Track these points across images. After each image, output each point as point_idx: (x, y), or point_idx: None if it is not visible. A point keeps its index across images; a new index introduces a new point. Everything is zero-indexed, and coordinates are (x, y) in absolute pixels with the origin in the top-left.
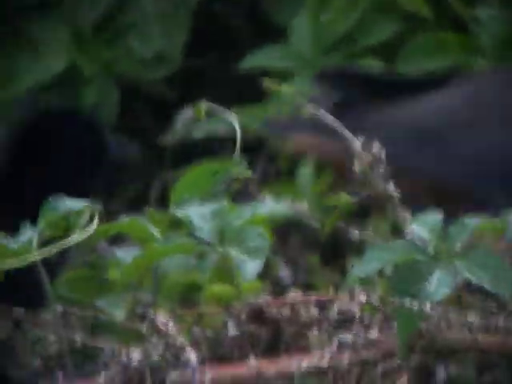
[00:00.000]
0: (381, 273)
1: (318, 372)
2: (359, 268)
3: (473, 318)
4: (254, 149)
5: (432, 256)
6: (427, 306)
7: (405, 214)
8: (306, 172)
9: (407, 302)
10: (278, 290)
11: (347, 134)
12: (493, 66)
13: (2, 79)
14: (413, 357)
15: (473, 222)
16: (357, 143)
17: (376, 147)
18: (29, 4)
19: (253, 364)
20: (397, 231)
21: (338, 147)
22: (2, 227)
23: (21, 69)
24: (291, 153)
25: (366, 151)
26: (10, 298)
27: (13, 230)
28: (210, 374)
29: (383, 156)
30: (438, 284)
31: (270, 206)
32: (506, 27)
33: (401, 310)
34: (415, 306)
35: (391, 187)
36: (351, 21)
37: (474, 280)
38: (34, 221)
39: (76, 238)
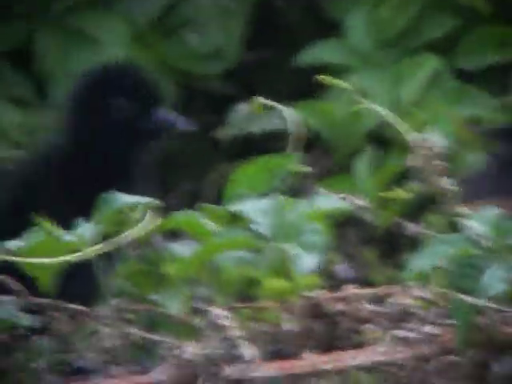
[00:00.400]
0: (436, 267)
1: (373, 367)
2: (416, 262)
3: None
4: (312, 144)
5: (489, 250)
6: (484, 301)
7: (461, 209)
8: (362, 167)
9: (464, 295)
10: (335, 284)
11: (403, 130)
12: None
13: (60, 76)
14: (470, 351)
15: None
16: (413, 138)
17: (433, 142)
18: (85, 1)
19: (308, 359)
20: (453, 226)
21: None
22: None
23: (79, 64)
24: (347, 147)
25: (422, 146)
26: (66, 291)
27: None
28: (265, 368)
29: (439, 151)
30: (495, 278)
31: (327, 200)
32: None
33: (458, 303)
34: (472, 299)
35: (447, 182)
36: (409, 16)
37: None
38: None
39: (132, 233)
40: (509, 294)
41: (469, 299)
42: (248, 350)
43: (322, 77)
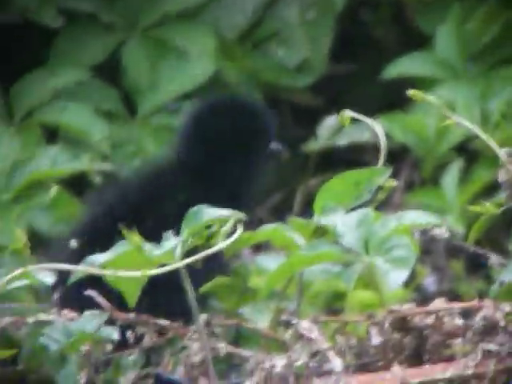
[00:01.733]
0: None
1: (463, 381)
2: (505, 275)
3: None
4: (398, 156)
5: None
6: None
7: None
8: (450, 180)
9: None
10: (423, 297)
11: (492, 144)
12: None
13: (148, 88)
14: None
15: None
16: (503, 152)
17: None
18: (173, 13)
19: (397, 372)
20: None
21: None
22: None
23: (167, 78)
24: (435, 160)
25: (511, 161)
26: (155, 306)
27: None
28: (353, 381)
29: None
30: None
31: (415, 214)
32: None
33: None
34: None
35: None
36: (496, 30)
37: None
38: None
39: (219, 246)
40: None
41: None
42: (337, 363)
43: (410, 91)
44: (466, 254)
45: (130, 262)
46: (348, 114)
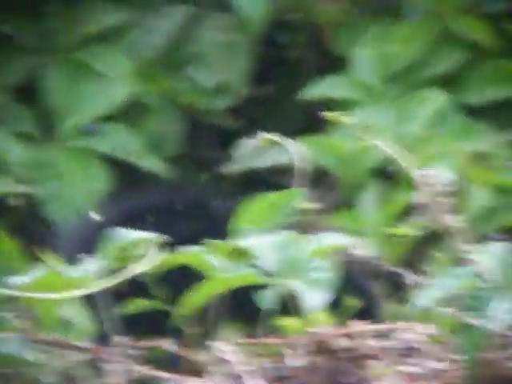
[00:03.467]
0: (442, 302)
1: None
2: (422, 295)
3: None
4: (316, 179)
5: (494, 284)
6: (491, 328)
7: (466, 245)
8: (368, 202)
9: (472, 320)
10: (341, 320)
11: (408, 167)
12: None
13: (66, 110)
14: None
15: None
16: (419, 174)
17: (439, 178)
18: (91, 35)
19: None
20: (458, 261)
21: None
22: None
23: (84, 100)
24: (353, 182)
25: (428, 182)
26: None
27: None
28: None
29: (445, 187)
30: (501, 311)
31: (333, 237)
32: None
33: (464, 327)
34: (479, 324)
35: (453, 218)
36: (415, 50)
37: None
38: None
39: (138, 268)
40: None
41: (477, 331)
42: None
43: (327, 113)
44: (384, 275)
45: (49, 283)
46: (266, 136)
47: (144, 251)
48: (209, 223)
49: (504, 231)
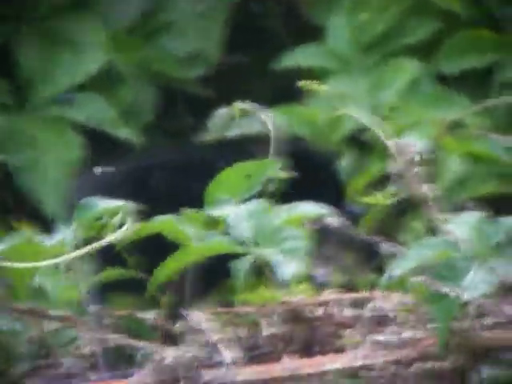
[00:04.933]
0: (417, 271)
1: (353, 371)
2: (396, 265)
3: (509, 316)
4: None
5: (469, 254)
6: (464, 298)
7: (441, 214)
8: (342, 171)
9: (446, 290)
10: (315, 289)
11: (382, 136)
12: None
13: (40, 79)
14: (450, 357)
15: (509, 221)
16: (394, 144)
17: (413, 147)
18: (64, 4)
19: (287, 363)
20: (433, 231)
21: None
22: None
23: (59, 69)
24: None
25: (402, 151)
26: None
27: None
28: (244, 372)
29: (419, 156)
30: (474, 281)
31: (307, 206)
32: None
33: (439, 305)
34: (452, 293)
35: (427, 187)
36: (388, 20)
37: (509, 278)
38: None
39: (111, 237)
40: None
41: (451, 301)
42: (228, 355)
43: (302, 82)
44: (359, 245)
45: (24, 252)
46: (240, 105)
47: (120, 220)
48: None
49: (478, 200)
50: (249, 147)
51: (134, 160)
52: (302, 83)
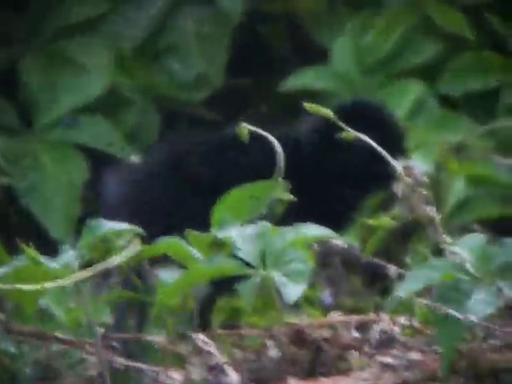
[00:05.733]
0: (422, 295)
1: None
2: (402, 287)
3: None
4: None
5: (474, 275)
6: (469, 320)
7: (446, 236)
8: None
9: (451, 312)
10: (320, 311)
11: (388, 157)
12: None
13: (45, 102)
14: (454, 378)
15: None
16: (399, 166)
17: (418, 170)
18: (69, 27)
19: None
20: (438, 253)
21: None
22: None
23: (63, 91)
24: None
25: (407, 174)
26: None
27: None
28: None
29: (424, 178)
30: (481, 302)
31: (312, 228)
32: None
33: (444, 328)
34: (459, 316)
35: (432, 209)
36: (392, 42)
37: None
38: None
39: (116, 259)
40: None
41: (456, 323)
42: (234, 377)
43: (307, 104)
44: (364, 267)
45: (28, 274)
46: (245, 127)
47: (125, 242)
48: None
49: (482, 221)
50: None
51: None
52: (307, 105)
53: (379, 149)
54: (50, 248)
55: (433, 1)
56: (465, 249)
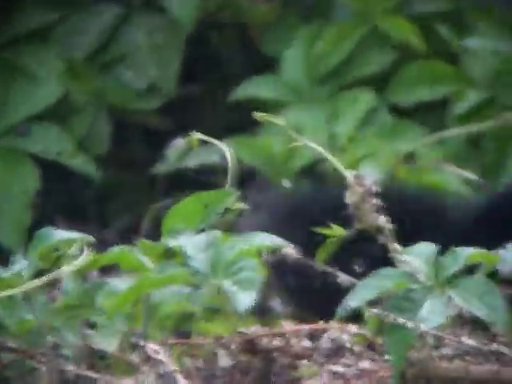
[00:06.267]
0: (373, 303)
1: None
2: (353, 296)
3: (465, 346)
4: (246, 179)
5: (425, 284)
6: (420, 328)
7: (396, 245)
8: None
9: (401, 320)
10: (271, 320)
11: (339, 167)
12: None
13: None
14: None
15: (465, 252)
16: (349, 176)
17: (369, 179)
18: (21, 35)
19: None
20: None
21: None
22: None
23: (14, 100)
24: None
25: (358, 184)
26: None
27: None
28: None
29: (375, 187)
30: (431, 312)
31: (263, 236)
32: (496, 58)
33: (394, 328)
34: (409, 325)
35: (383, 219)
36: (343, 52)
37: (466, 308)
38: None
39: (67, 268)
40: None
41: (406, 332)
42: None
43: (257, 113)
44: (315, 275)
45: None
46: (196, 136)
47: (76, 250)
48: None
49: None
50: None
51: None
52: (257, 114)
53: None
54: (1, 257)
55: (383, 11)
56: (417, 258)
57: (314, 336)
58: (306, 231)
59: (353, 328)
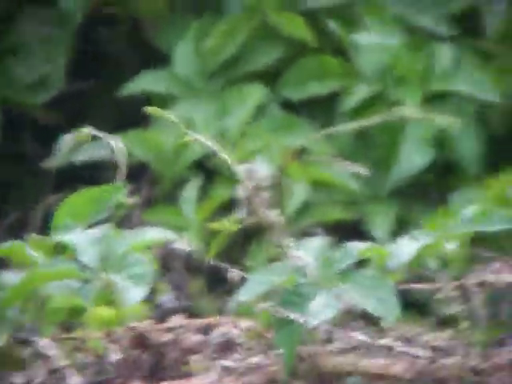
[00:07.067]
0: (263, 298)
1: None
2: (243, 290)
3: (356, 341)
4: (136, 174)
5: (315, 279)
6: (309, 323)
7: (287, 240)
8: (187, 197)
9: (290, 315)
10: (161, 315)
11: (230, 161)
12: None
13: None
14: (296, 381)
15: (357, 246)
16: (241, 170)
17: (260, 174)
18: None
19: None
20: (279, 256)
21: None
22: None
23: None
24: (173, 177)
25: (248, 177)
26: None
27: None
28: None
29: (266, 181)
30: (322, 306)
31: (153, 231)
32: (385, 53)
33: (284, 331)
34: (299, 319)
35: (274, 213)
36: (233, 46)
37: (355, 303)
38: None
39: None
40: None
41: (295, 326)
42: (75, 381)
43: (147, 108)
44: (207, 270)
45: None
46: (86, 130)
47: None
48: None
49: (323, 226)
50: None
51: None
52: (147, 109)
53: None
54: None
55: (273, 6)
56: (307, 253)
57: (204, 331)
58: None
59: (244, 323)
